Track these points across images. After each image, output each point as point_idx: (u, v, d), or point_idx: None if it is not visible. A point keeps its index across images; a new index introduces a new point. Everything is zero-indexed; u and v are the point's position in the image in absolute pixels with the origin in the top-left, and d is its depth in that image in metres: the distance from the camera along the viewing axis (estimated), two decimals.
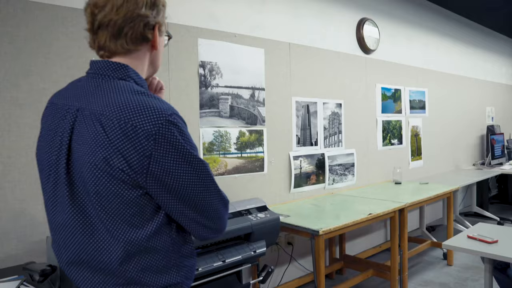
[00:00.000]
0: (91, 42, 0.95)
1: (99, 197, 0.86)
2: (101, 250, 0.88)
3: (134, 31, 0.91)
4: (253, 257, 2.07)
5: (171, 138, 0.85)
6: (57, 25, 2.00)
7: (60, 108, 0.94)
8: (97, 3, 0.90)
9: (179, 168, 0.87)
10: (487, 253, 1.95)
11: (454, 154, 5.15)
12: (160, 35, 0.98)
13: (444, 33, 4.93)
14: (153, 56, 1.00)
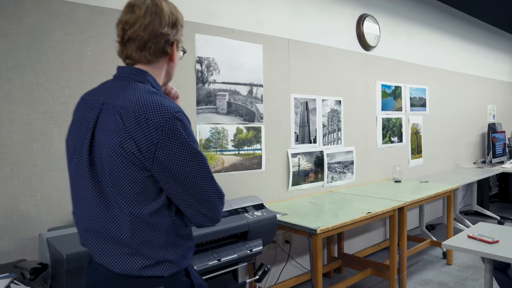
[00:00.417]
0: (119, 52, 1.16)
1: (113, 175, 1.02)
2: (111, 222, 1.04)
3: (157, 46, 1.10)
4: (249, 256, 2.04)
5: (175, 131, 1.01)
6: (50, 19, 1.96)
7: (89, 103, 1.14)
8: (128, 21, 1.10)
9: (180, 157, 1.02)
10: (488, 253, 1.91)
11: (455, 152, 5.12)
12: (177, 50, 1.16)
13: (445, 30, 4.88)
14: (170, 67, 1.19)
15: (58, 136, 1.99)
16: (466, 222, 4.35)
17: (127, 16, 1.11)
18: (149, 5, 1.09)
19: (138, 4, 1.10)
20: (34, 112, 1.92)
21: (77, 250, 1.44)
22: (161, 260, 1.06)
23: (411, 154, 4.31)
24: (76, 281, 1.43)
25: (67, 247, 1.46)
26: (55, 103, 1.98)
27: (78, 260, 1.42)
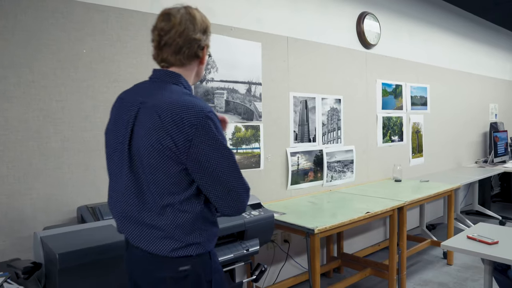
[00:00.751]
0: (155, 55, 1.27)
1: (151, 168, 1.15)
2: (147, 209, 1.18)
3: (190, 50, 1.23)
4: (245, 256, 2.02)
5: (208, 128, 1.14)
6: (46, 16, 1.95)
7: (127, 102, 1.26)
8: (164, 28, 1.21)
9: (211, 152, 1.15)
10: (487, 255, 1.89)
11: (456, 151, 5.08)
12: (206, 52, 1.29)
13: (447, 28, 4.84)
14: (199, 69, 1.31)
15: (54, 134, 1.98)
16: (467, 222, 4.32)
17: (162, 23, 1.22)
18: (184, 14, 1.22)
19: (173, 12, 1.22)
20: (30, 110, 1.91)
21: (70, 250, 1.43)
22: (190, 243, 1.20)
23: (411, 153, 4.28)
24: (69, 281, 1.41)
25: (60, 246, 1.44)
26: (51, 101, 1.97)
27: (71, 260, 1.41)
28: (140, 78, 2.26)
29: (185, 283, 1.20)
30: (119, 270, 1.54)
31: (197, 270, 1.22)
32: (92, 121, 2.10)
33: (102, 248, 1.49)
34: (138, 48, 2.26)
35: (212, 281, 1.27)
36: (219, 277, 1.30)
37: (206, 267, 1.25)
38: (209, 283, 1.26)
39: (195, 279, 1.22)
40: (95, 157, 2.11)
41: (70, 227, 1.69)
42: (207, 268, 1.25)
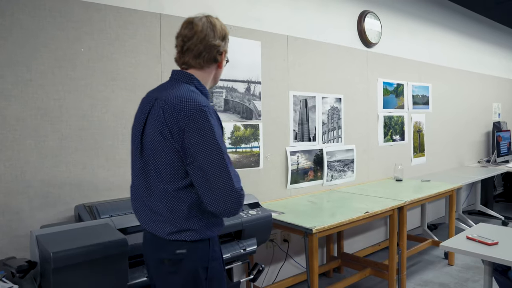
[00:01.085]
0: (177, 58, 1.40)
1: (155, 157, 1.29)
2: (149, 195, 1.33)
3: (209, 55, 1.36)
4: (243, 255, 2.01)
5: (199, 119, 1.22)
6: (44, 15, 1.95)
7: (147, 98, 1.40)
8: (187, 35, 1.35)
9: (200, 142, 1.22)
10: (486, 256, 1.87)
11: (459, 151, 5.05)
12: (224, 58, 1.41)
13: (449, 27, 4.80)
14: (217, 72, 1.44)
15: (51, 133, 1.98)
16: (469, 222, 4.29)
17: (185, 30, 1.36)
18: (205, 22, 1.35)
19: (195, 21, 1.35)
20: (27, 109, 1.91)
21: (64, 248, 1.43)
22: (185, 229, 1.29)
23: (413, 152, 4.25)
24: (63, 280, 1.41)
25: (55, 245, 1.44)
26: (48, 99, 1.97)
27: (65, 259, 1.41)
28: (139, 77, 2.28)
29: (181, 266, 1.30)
30: (114, 269, 1.54)
31: (193, 255, 1.31)
32: (89, 120, 2.10)
33: (97, 247, 1.48)
34: (136, 47, 2.26)
35: (209, 268, 1.33)
36: (217, 265, 1.37)
37: (203, 254, 1.32)
38: (205, 270, 1.32)
39: (191, 264, 1.30)
40: (93, 155, 2.11)
41: (67, 226, 1.69)
42: (204, 254, 1.32)
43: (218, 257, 1.39)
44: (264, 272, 2.92)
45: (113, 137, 2.18)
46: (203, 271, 1.32)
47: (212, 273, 1.35)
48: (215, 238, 1.37)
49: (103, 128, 2.15)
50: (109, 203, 2.02)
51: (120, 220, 1.80)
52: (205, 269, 1.33)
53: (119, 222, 1.78)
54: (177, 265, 1.30)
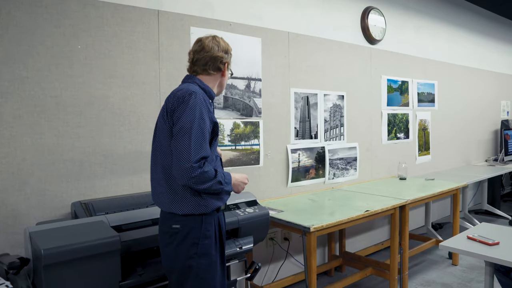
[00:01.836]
0: (189, 68, 1.69)
1: (158, 135, 1.58)
2: (155, 167, 1.58)
3: (214, 64, 1.65)
4: (239, 254, 2.00)
5: (188, 100, 1.48)
6: (41, 12, 1.95)
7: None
8: (196, 50, 1.66)
9: (179, 116, 1.47)
10: (487, 256, 1.83)
11: (465, 149, 4.97)
12: (227, 69, 1.70)
13: (456, 23, 4.72)
14: (222, 80, 1.71)
15: (48, 130, 1.98)
16: (475, 221, 4.22)
17: (195, 46, 1.67)
18: (211, 40, 1.66)
19: (203, 39, 1.67)
20: (24, 106, 1.92)
21: (56, 245, 1.43)
22: (179, 201, 1.50)
23: (418, 150, 4.19)
24: (54, 277, 1.41)
25: (47, 242, 1.44)
26: (45, 97, 1.97)
27: (56, 256, 1.41)
28: (137, 74, 2.27)
29: (175, 238, 1.50)
30: (106, 266, 1.54)
31: (186, 230, 1.49)
32: (87, 117, 2.10)
33: (88, 245, 1.48)
34: (134, 44, 2.25)
35: (199, 244, 1.50)
36: (209, 243, 1.52)
37: (195, 230, 1.50)
38: (196, 246, 1.49)
39: (183, 238, 1.49)
40: (90, 153, 2.11)
41: (61, 223, 1.69)
42: (196, 231, 1.50)
43: (211, 236, 1.53)
44: (263, 271, 2.90)
45: (111, 134, 2.17)
46: (194, 247, 1.49)
47: (202, 250, 1.50)
48: (210, 218, 1.53)
49: (101, 126, 2.14)
50: (106, 200, 2.02)
51: (115, 217, 1.80)
52: (195, 245, 1.49)
53: (114, 219, 1.78)
54: (172, 236, 1.50)
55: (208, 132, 1.48)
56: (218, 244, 1.58)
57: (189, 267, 1.49)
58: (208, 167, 1.44)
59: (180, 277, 1.51)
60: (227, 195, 1.64)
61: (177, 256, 1.50)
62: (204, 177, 1.43)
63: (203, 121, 1.46)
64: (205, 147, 1.45)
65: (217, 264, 1.55)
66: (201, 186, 1.44)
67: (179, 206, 1.50)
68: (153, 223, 1.83)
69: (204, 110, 1.48)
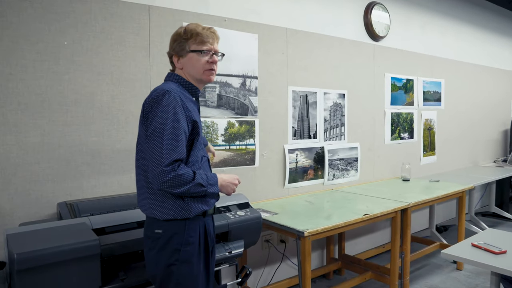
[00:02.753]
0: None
1: (138, 138, 1.51)
2: (138, 170, 1.52)
3: (178, 53, 1.55)
4: (228, 258, 1.92)
5: (161, 100, 1.40)
6: (25, 6, 1.89)
7: None
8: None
9: (152, 117, 1.40)
10: (492, 266, 1.72)
11: (473, 149, 4.82)
12: (182, 56, 1.55)
13: (464, 19, 4.56)
14: (186, 69, 1.55)
15: (33, 129, 1.92)
16: (482, 224, 4.09)
17: None
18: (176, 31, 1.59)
19: None
20: (7, 104, 1.86)
21: (30, 250, 1.36)
22: (158, 205, 1.43)
23: (423, 151, 4.07)
24: (28, 281, 1.35)
25: (22, 246, 1.38)
26: (30, 94, 1.91)
27: (30, 261, 1.34)
28: (126, 71, 2.20)
29: (157, 243, 1.44)
30: (84, 271, 1.47)
31: (168, 236, 1.43)
32: (73, 116, 2.03)
33: (65, 248, 1.42)
34: (124, 40, 2.18)
35: (181, 250, 1.42)
36: (191, 250, 1.44)
37: (178, 236, 1.43)
38: (178, 252, 1.42)
39: (165, 243, 1.43)
40: (77, 152, 2.05)
41: (42, 225, 1.63)
42: (179, 237, 1.43)
43: (194, 243, 1.45)
44: (258, 274, 2.82)
45: (99, 133, 2.11)
46: (175, 253, 1.42)
47: (184, 257, 1.43)
48: (194, 224, 1.46)
49: (88, 124, 2.08)
50: (92, 201, 1.96)
51: (99, 219, 1.74)
52: (177, 251, 1.42)
53: (97, 222, 1.71)
54: (155, 242, 1.44)
55: (184, 133, 1.40)
56: (203, 251, 1.50)
57: (170, 274, 1.42)
58: (183, 170, 1.36)
59: (161, 283, 1.45)
60: (215, 198, 1.56)
61: (158, 262, 1.43)
62: (178, 180, 1.35)
63: (177, 121, 1.38)
64: (179, 149, 1.36)
65: (200, 272, 1.47)
66: (176, 190, 1.36)
67: (161, 211, 1.43)
68: (138, 225, 1.77)
69: (179, 110, 1.40)
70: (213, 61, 1.54)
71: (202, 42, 1.51)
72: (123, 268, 1.65)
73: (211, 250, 1.59)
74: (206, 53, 1.52)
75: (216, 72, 1.60)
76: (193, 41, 1.51)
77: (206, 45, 1.52)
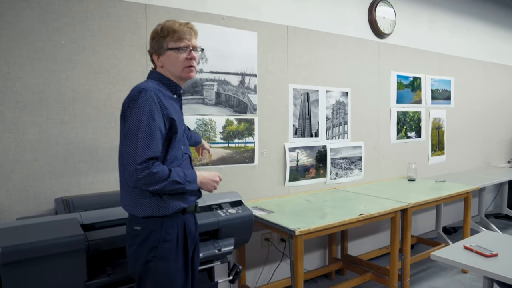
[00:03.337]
0: None
1: (120, 137, 1.50)
2: (121, 169, 1.51)
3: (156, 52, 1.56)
4: (217, 256, 1.93)
5: (137, 98, 1.42)
6: (23, 6, 1.94)
7: None
8: None
9: (131, 113, 1.41)
10: (481, 270, 1.68)
11: (485, 149, 4.68)
12: (161, 54, 1.55)
13: (475, 15, 4.41)
14: (166, 67, 1.56)
15: (31, 126, 1.97)
16: (492, 226, 3.97)
17: None
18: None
19: None
20: (5, 102, 1.92)
21: (15, 243, 1.40)
22: (137, 203, 1.46)
23: (431, 150, 3.98)
24: (13, 275, 1.39)
25: (8, 239, 1.42)
26: (27, 93, 1.96)
27: (13, 255, 1.38)
28: (123, 70, 2.24)
29: (136, 240, 1.46)
30: (69, 266, 1.50)
31: (146, 233, 1.45)
32: (71, 114, 2.08)
33: (50, 244, 1.45)
34: (120, 39, 2.21)
35: (158, 247, 1.44)
36: (168, 247, 1.46)
37: (155, 233, 1.45)
38: (155, 249, 1.44)
39: (143, 240, 1.45)
40: (74, 149, 2.09)
41: (35, 219, 1.67)
42: (156, 234, 1.45)
43: (171, 240, 1.47)
44: (257, 272, 2.83)
45: (96, 131, 2.15)
46: (153, 250, 1.44)
47: (162, 253, 1.45)
48: (171, 220, 1.47)
49: (85, 122, 2.12)
50: (87, 197, 2.00)
51: (91, 215, 1.77)
52: (155, 248, 1.44)
53: (88, 217, 1.75)
54: (134, 238, 1.47)
55: (159, 131, 1.41)
56: (181, 248, 1.51)
57: (148, 270, 1.44)
58: (157, 168, 1.37)
59: (140, 279, 1.47)
60: (195, 196, 1.57)
61: (137, 258, 1.46)
62: (152, 178, 1.36)
63: (152, 120, 1.39)
64: (154, 148, 1.37)
65: (178, 269, 1.48)
66: (151, 188, 1.38)
67: (139, 208, 1.45)
68: None
69: (155, 108, 1.41)
70: (191, 58, 1.53)
71: (179, 39, 1.51)
72: (111, 263, 1.68)
73: (194, 247, 1.60)
74: (184, 50, 1.52)
75: (196, 68, 1.59)
76: (171, 39, 1.51)
77: (184, 42, 1.51)
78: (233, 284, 2.15)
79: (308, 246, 3.10)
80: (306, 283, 3.04)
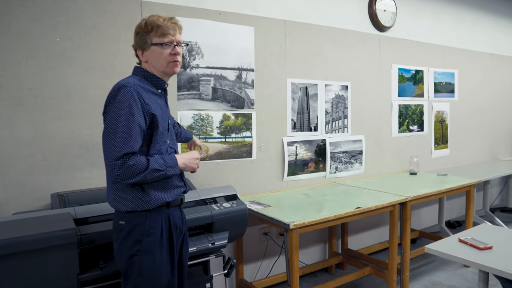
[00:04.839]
0: None
1: None
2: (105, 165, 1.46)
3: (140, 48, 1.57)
4: (211, 249, 1.94)
5: (117, 94, 1.43)
6: (17, 4, 1.96)
7: None
8: None
9: (111, 110, 1.43)
10: (474, 262, 1.66)
11: (491, 143, 4.61)
12: (145, 49, 1.55)
13: (480, 6, 4.33)
14: (150, 62, 1.56)
15: (27, 123, 2.00)
16: (496, 220, 3.92)
17: None
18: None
19: None
20: (1, 99, 1.94)
21: (8, 237, 1.43)
22: (120, 198, 1.47)
23: (434, 144, 3.94)
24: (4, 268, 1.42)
25: (1, 233, 1.45)
26: (23, 89, 1.99)
27: (7, 247, 1.41)
28: (118, 66, 2.25)
29: (120, 235, 1.48)
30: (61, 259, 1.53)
31: (130, 227, 1.46)
32: (67, 110, 2.10)
33: (40, 237, 1.47)
34: (116, 36, 2.22)
35: (142, 241, 1.46)
36: (152, 241, 1.47)
37: (139, 227, 1.46)
38: (139, 243, 1.46)
39: (127, 234, 1.46)
40: (70, 145, 2.12)
41: (30, 214, 1.71)
42: (140, 228, 1.46)
43: (155, 234, 1.48)
44: (256, 266, 2.84)
45: (92, 127, 2.17)
46: (137, 244, 1.45)
47: (146, 247, 1.46)
48: (155, 214, 1.48)
49: (81, 118, 2.15)
50: (83, 192, 2.03)
51: (84, 210, 1.79)
52: (139, 242, 1.45)
53: (82, 212, 1.77)
54: (118, 233, 1.48)
55: (138, 127, 1.41)
56: (166, 242, 1.51)
57: (133, 264, 1.46)
58: (133, 160, 1.37)
59: (125, 273, 1.48)
60: (180, 188, 1.58)
61: (122, 253, 1.47)
62: (130, 171, 1.37)
63: (131, 116, 1.39)
64: (131, 143, 1.38)
65: (163, 263, 1.49)
66: (131, 180, 1.39)
67: (122, 203, 1.47)
68: None
69: (134, 104, 1.40)
70: (175, 53, 1.53)
71: (163, 35, 1.50)
72: (104, 257, 1.71)
73: (182, 240, 1.61)
74: (168, 45, 1.51)
75: (180, 63, 1.58)
76: (154, 34, 1.50)
77: (168, 37, 1.51)
78: (228, 278, 2.16)
79: (308, 240, 3.10)
80: (306, 277, 3.04)
